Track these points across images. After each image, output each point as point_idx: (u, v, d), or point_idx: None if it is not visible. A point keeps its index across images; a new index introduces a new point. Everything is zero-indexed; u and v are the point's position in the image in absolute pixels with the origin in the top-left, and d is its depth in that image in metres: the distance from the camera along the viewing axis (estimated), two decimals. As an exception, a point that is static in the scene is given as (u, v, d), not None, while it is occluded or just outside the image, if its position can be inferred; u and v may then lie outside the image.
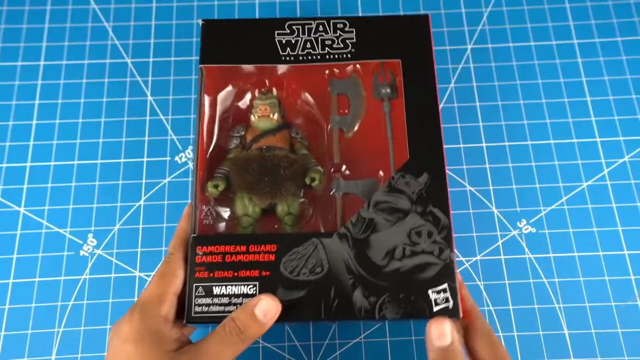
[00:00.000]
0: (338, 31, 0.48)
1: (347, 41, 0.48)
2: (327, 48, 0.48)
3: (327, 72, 0.50)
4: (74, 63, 0.62)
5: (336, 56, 0.47)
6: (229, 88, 0.50)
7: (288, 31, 0.48)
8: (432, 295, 0.40)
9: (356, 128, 0.49)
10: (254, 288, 0.41)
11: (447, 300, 0.40)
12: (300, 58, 0.47)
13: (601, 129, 0.59)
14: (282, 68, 0.49)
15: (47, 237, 0.54)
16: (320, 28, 0.48)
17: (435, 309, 0.40)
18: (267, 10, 0.63)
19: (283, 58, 0.47)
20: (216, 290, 0.41)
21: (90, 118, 0.59)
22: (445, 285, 0.41)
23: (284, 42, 0.48)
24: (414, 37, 0.48)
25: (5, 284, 0.53)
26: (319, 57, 0.47)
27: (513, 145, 0.58)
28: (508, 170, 0.57)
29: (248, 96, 0.51)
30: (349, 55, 0.48)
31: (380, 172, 0.47)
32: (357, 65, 0.49)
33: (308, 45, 0.48)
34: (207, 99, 0.48)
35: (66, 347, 0.51)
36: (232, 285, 0.41)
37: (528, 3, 0.64)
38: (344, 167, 0.48)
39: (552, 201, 0.56)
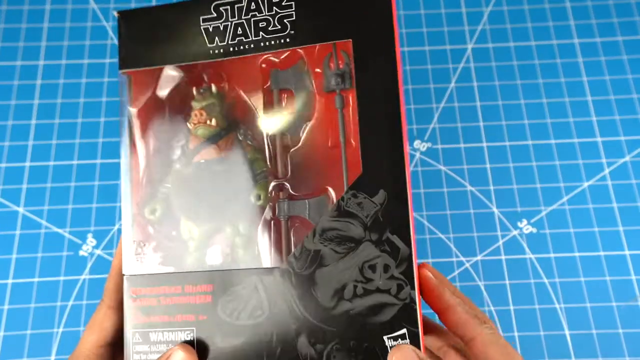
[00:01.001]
0: (274, 8, 0.39)
1: (285, 20, 0.39)
2: (261, 32, 0.39)
3: (263, 65, 0.40)
4: (74, 63, 0.61)
5: (272, 42, 0.39)
6: (161, 92, 0.41)
7: (215, 15, 0.40)
8: (389, 343, 0.35)
9: (303, 133, 0.40)
10: (191, 334, 0.37)
11: None
12: (231, 49, 0.39)
13: (602, 128, 0.59)
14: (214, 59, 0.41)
15: (47, 237, 0.54)
16: (253, 6, 0.39)
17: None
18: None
19: (211, 51, 0.39)
20: (153, 337, 0.37)
21: (89, 118, 0.59)
22: (403, 331, 0.35)
23: (211, 29, 0.39)
24: (369, 7, 0.38)
25: (5, 284, 0.53)
26: (252, 45, 0.39)
27: (514, 145, 0.58)
28: (509, 170, 0.57)
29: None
30: (287, 40, 0.39)
31: (330, 190, 0.38)
32: (300, 50, 0.40)
33: (239, 30, 0.39)
34: (134, 111, 0.41)
35: (66, 347, 0.50)
36: (168, 331, 0.37)
37: (529, 2, 0.64)
38: (287, 184, 0.40)
39: (553, 201, 0.56)
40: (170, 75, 0.41)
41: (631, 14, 0.64)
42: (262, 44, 0.39)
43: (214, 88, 0.41)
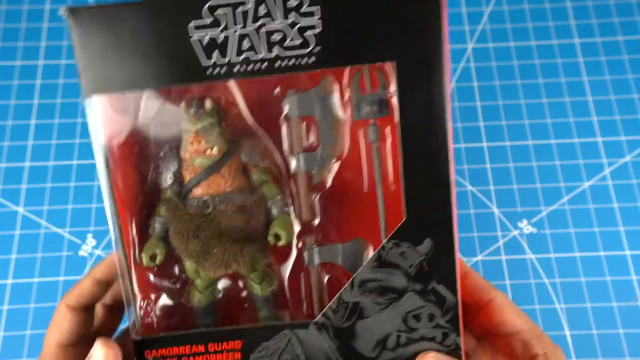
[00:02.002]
0: (292, 14, 0.30)
1: (308, 33, 0.30)
2: (276, 47, 0.30)
3: (276, 90, 0.34)
4: (73, 62, 0.61)
5: (292, 61, 0.30)
6: (143, 117, 0.34)
7: (210, 20, 0.30)
8: None
9: (331, 168, 0.35)
10: None
11: None
12: (236, 69, 0.30)
13: (603, 128, 0.58)
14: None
15: (46, 237, 0.54)
16: (262, 10, 0.30)
17: None
18: None
19: (208, 71, 0.30)
20: None
21: (89, 118, 0.59)
22: None
23: (206, 41, 0.30)
24: (417, 21, 0.30)
25: (4, 285, 0.53)
26: (265, 64, 0.30)
27: (514, 145, 0.58)
28: (509, 170, 0.57)
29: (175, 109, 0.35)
30: (312, 59, 0.30)
31: (368, 242, 0.35)
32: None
33: (245, 44, 0.30)
34: (110, 144, 0.33)
35: (65, 347, 0.50)
36: None
37: (529, 2, 0.64)
38: (314, 229, 0.36)
39: (554, 201, 0.56)
40: (153, 95, 0.34)
41: (632, 13, 0.63)
42: (277, 63, 0.30)
43: (208, 103, 0.33)
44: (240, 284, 0.37)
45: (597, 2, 0.64)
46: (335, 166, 0.35)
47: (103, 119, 0.32)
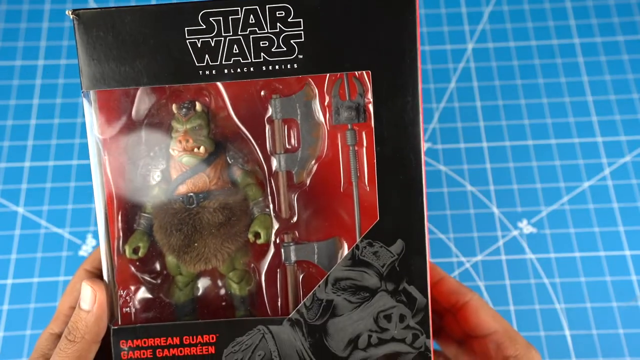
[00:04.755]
0: (278, 24, 0.33)
1: (292, 41, 0.33)
2: (263, 54, 0.33)
3: (262, 91, 0.36)
4: (73, 62, 0.61)
5: (277, 66, 0.33)
6: (135, 114, 0.36)
7: (204, 26, 0.33)
8: None
9: (310, 169, 0.37)
10: None
11: None
12: (226, 71, 0.33)
13: (603, 128, 0.58)
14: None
15: (46, 237, 0.54)
16: (251, 19, 0.33)
17: None
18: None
19: (201, 72, 0.33)
20: None
21: (89, 118, 0.59)
22: None
23: (199, 44, 0.33)
24: (391, 28, 0.33)
25: (4, 285, 0.53)
26: (252, 69, 0.33)
27: (514, 145, 0.58)
28: (509, 170, 0.57)
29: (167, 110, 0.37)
30: (295, 65, 0.33)
31: (344, 242, 0.37)
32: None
33: (235, 48, 0.33)
34: (103, 138, 0.35)
35: (65, 348, 0.50)
36: None
37: (529, 2, 0.64)
38: (293, 226, 0.37)
39: (553, 201, 0.56)
40: (147, 94, 0.36)
41: (632, 13, 0.63)
42: (263, 67, 0.33)
43: (198, 105, 0.35)
44: (219, 282, 0.38)
45: (597, 2, 0.64)
46: (315, 167, 0.37)
47: (98, 113, 0.35)
